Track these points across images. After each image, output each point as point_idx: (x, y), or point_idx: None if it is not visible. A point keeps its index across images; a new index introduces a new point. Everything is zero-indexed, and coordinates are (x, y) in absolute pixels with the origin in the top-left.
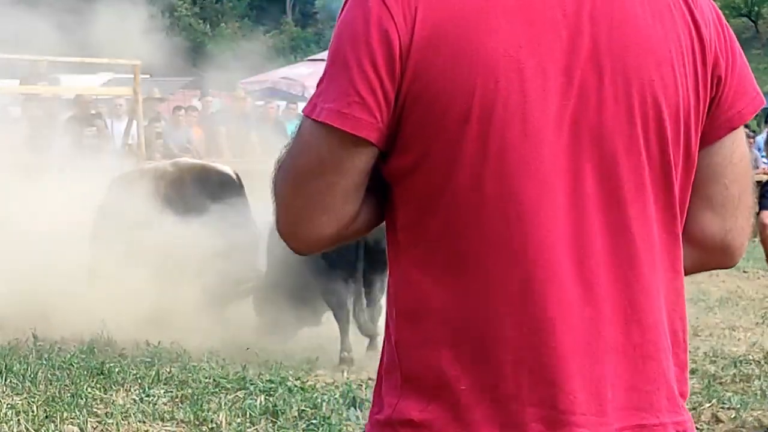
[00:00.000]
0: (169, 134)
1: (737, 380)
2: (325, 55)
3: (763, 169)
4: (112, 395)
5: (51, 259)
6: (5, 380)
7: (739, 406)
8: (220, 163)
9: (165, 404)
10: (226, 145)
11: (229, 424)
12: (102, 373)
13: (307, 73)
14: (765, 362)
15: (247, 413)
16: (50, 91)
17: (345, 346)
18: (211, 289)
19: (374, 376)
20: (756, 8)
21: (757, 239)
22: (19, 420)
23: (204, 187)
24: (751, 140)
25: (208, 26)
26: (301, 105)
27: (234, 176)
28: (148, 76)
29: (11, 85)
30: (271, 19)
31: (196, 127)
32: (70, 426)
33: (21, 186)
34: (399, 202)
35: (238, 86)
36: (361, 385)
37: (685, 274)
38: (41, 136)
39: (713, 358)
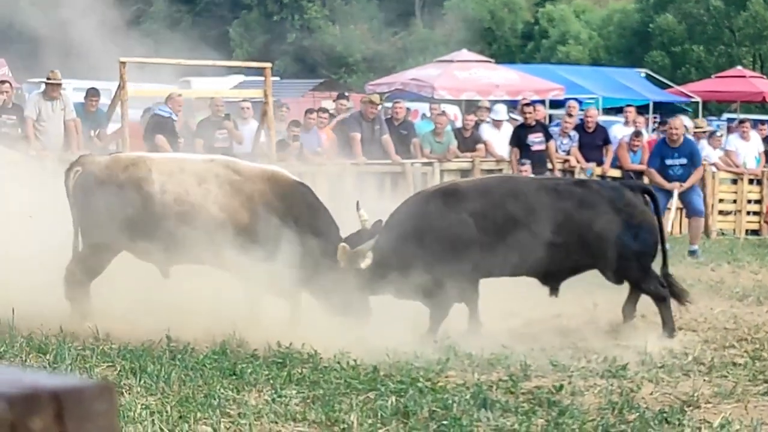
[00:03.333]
0: (300, 136)
1: None
2: (454, 56)
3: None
4: (244, 396)
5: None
6: (140, 381)
7: None
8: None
9: (297, 405)
10: (357, 147)
11: (361, 424)
12: (234, 374)
13: (436, 74)
14: None
15: (379, 414)
16: (183, 94)
17: (672, 328)
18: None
19: (505, 377)
20: None
21: None
22: (153, 420)
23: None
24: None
25: (337, 28)
26: (423, 106)
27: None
28: (277, 78)
29: (146, 88)
30: (399, 21)
31: (327, 129)
32: (203, 426)
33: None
34: None
35: (367, 88)
36: (492, 387)
37: None
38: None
39: None
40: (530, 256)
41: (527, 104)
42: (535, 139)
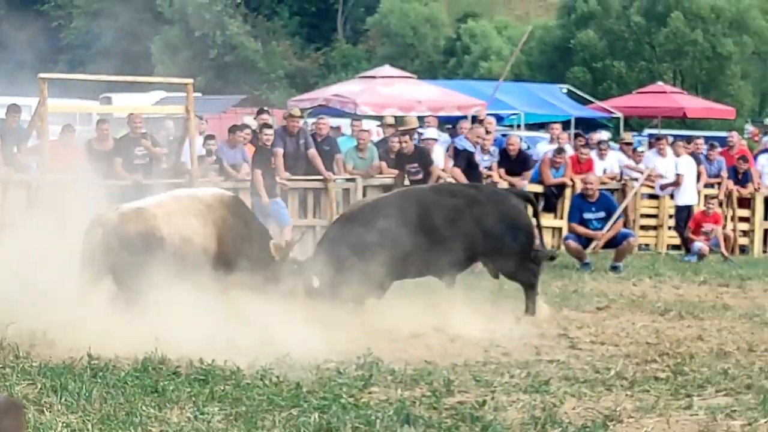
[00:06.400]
0: (223, 152)
1: None
2: (376, 71)
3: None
4: (166, 413)
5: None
6: (60, 398)
7: None
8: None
9: (219, 422)
10: (280, 162)
11: None
12: (156, 391)
13: (358, 90)
14: None
15: (302, 430)
16: (103, 110)
17: (534, 309)
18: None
19: (428, 392)
20: None
21: None
22: None
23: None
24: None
25: (259, 44)
26: (343, 122)
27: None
28: (199, 94)
29: (66, 104)
30: (322, 37)
31: (250, 145)
32: None
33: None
34: None
35: (289, 104)
36: (415, 402)
37: None
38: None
39: None
40: (436, 256)
41: (403, 133)
42: (411, 169)
